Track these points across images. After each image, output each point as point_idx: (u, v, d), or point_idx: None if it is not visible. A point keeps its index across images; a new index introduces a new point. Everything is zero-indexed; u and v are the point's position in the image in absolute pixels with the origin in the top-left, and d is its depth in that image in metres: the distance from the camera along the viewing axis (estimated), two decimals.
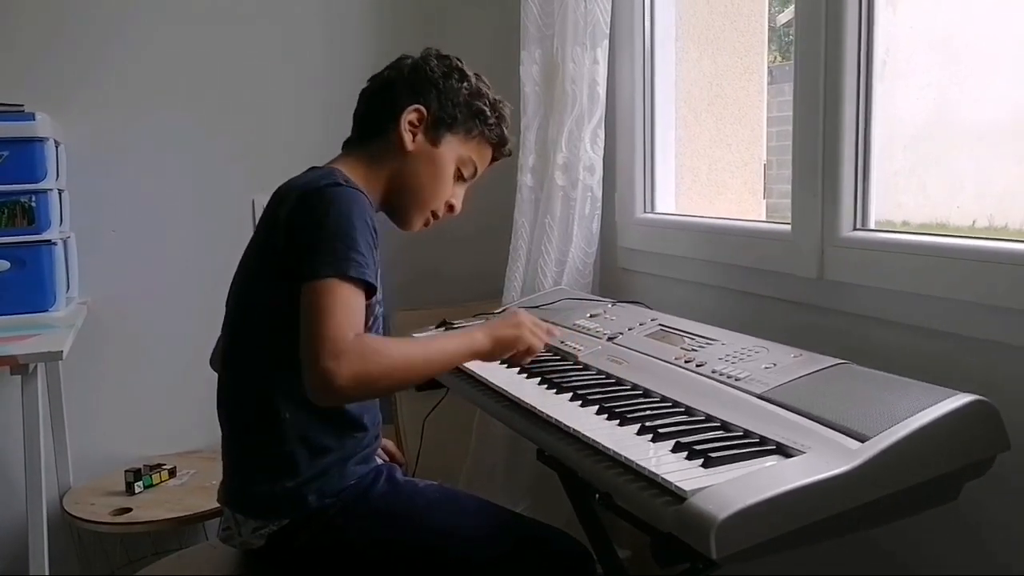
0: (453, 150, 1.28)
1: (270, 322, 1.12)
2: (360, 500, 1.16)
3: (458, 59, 1.32)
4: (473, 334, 1.19)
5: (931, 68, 1.44)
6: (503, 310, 1.73)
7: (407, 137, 1.24)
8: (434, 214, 1.31)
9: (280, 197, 1.17)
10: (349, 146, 1.31)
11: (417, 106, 1.25)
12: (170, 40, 2.07)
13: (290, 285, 1.07)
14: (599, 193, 1.94)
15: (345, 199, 1.11)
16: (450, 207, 1.32)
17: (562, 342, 1.43)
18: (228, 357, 1.22)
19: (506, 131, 1.33)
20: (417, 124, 1.25)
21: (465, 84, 1.28)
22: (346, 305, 1.05)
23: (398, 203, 1.29)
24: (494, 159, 1.35)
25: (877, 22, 1.33)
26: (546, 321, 1.38)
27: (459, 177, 1.31)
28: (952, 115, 1.42)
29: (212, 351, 1.29)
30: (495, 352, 1.21)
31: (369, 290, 1.09)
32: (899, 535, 1.21)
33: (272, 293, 1.11)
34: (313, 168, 1.25)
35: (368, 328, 1.16)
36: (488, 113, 1.29)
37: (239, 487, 1.19)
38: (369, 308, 1.12)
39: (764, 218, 2.01)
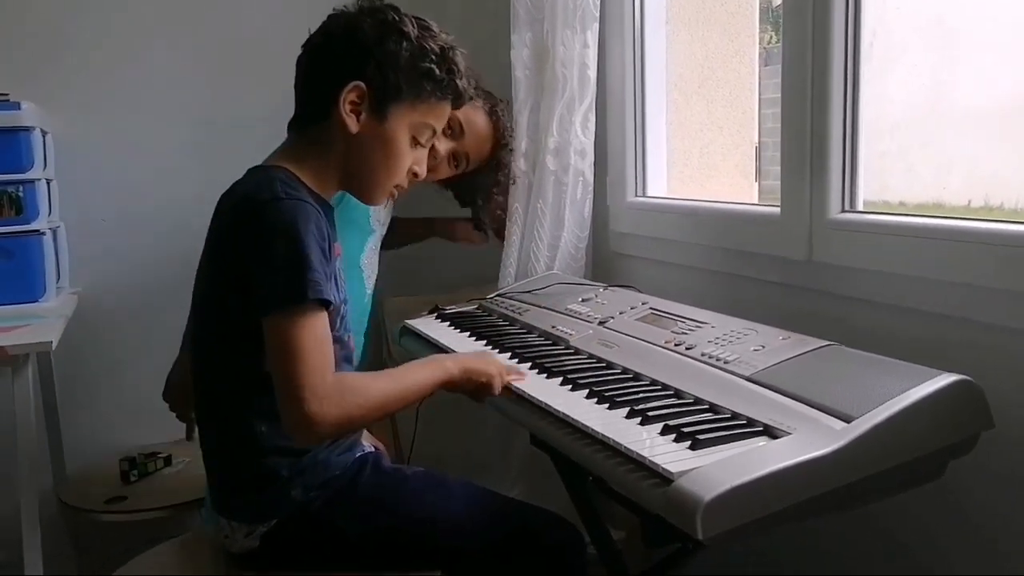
0: (403, 121, 1.17)
1: (234, 344, 1.10)
2: (346, 490, 1.16)
3: (394, 11, 1.18)
4: (445, 364, 1.17)
5: (919, 49, 1.44)
6: (490, 297, 1.74)
7: (350, 121, 1.14)
8: (398, 186, 1.22)
9: (225, 205, 1.14)
10: (293, 128, 1.22)
11: (356, 83, 1.13)
12: (159, 27, 2.06)
13: (245, 304, 1.05)
14: (590, 177, 1.93)
15: (288, 216, 1.05)
16: (414, 174, 1.23)
17: (553, 327, 1.43)
18: (197, 370, 1.20)
19: (460, 82, 1.19)
20: (359, 102, 1.14)
21: (405, 44, 1.15)
22: (315, 340, 1.02)
23: (356, 184, 1.21)
24: (456, 108, 1.24)
25: (865, 3, 1.33)
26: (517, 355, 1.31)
27: (417, 144, 1.20)
28: (940, 96, 1.42)
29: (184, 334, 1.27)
30: (462, 383, 1.17)
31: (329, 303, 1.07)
32: (884, 513, 1.22)
33: (229, 313, 1.10)
34: (255, 169, 1.18)
35: (332, 331, 1.15)
36: (436, 71, 1.16)
37: (223, 496, 1.19)
38: (332, 314, 1.10)
39: (757, 200, 2.01)
